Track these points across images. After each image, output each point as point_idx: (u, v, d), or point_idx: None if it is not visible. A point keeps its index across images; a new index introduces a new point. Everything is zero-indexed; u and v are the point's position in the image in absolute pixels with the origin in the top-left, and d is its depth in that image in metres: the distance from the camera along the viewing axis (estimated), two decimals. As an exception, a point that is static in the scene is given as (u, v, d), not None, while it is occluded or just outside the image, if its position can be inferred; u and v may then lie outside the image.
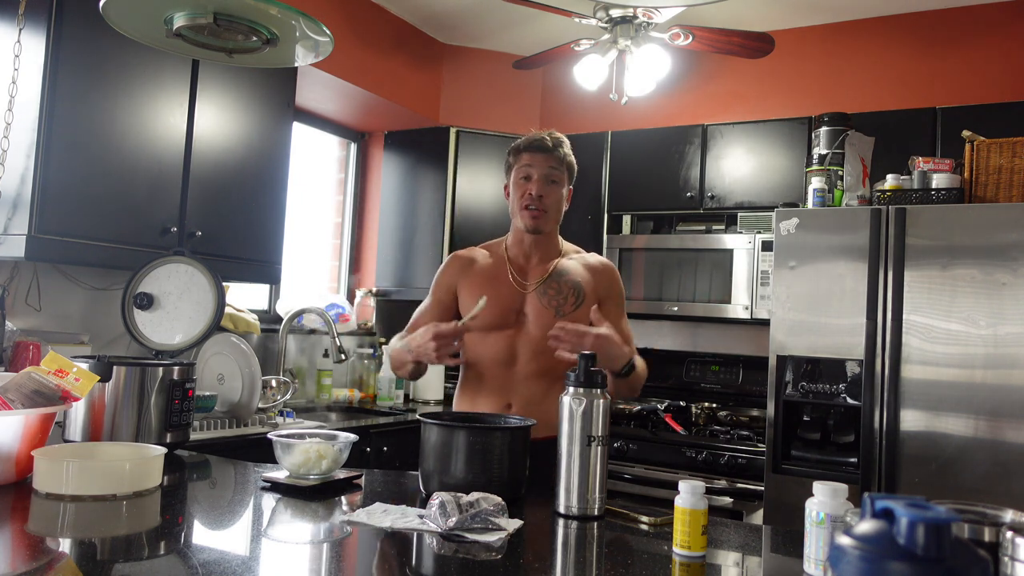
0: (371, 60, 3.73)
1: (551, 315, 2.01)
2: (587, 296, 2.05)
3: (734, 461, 3.09)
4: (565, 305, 2.03)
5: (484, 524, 1.35)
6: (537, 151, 2.04)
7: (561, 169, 2.06)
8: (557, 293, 2.04)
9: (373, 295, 4.21)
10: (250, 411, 2.74)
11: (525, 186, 2.04)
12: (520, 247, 2.10)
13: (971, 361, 2.59)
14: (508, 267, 2.08)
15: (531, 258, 2.10)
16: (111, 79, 2.52)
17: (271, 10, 1.65)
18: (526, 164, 2.05)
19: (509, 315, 2.02)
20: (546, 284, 2.05)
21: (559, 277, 2.06)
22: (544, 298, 2.03)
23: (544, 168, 2.03)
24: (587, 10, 3.04)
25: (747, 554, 1.42)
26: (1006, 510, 1.03)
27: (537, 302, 2.04)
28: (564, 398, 1.54)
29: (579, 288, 2.05)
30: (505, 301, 2.03)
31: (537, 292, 2.05)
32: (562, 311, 2.02)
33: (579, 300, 2.04)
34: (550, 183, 2.04)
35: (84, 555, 1.25)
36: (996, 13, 3.37)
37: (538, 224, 2.04)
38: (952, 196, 2.71)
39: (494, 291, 2.02)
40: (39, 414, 1.59)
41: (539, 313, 2.02)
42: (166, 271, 2.23)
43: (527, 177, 2.04)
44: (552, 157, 2.04)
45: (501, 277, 2.06)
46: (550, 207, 2.04)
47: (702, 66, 3.90)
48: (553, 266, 2.08)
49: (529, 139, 2.07)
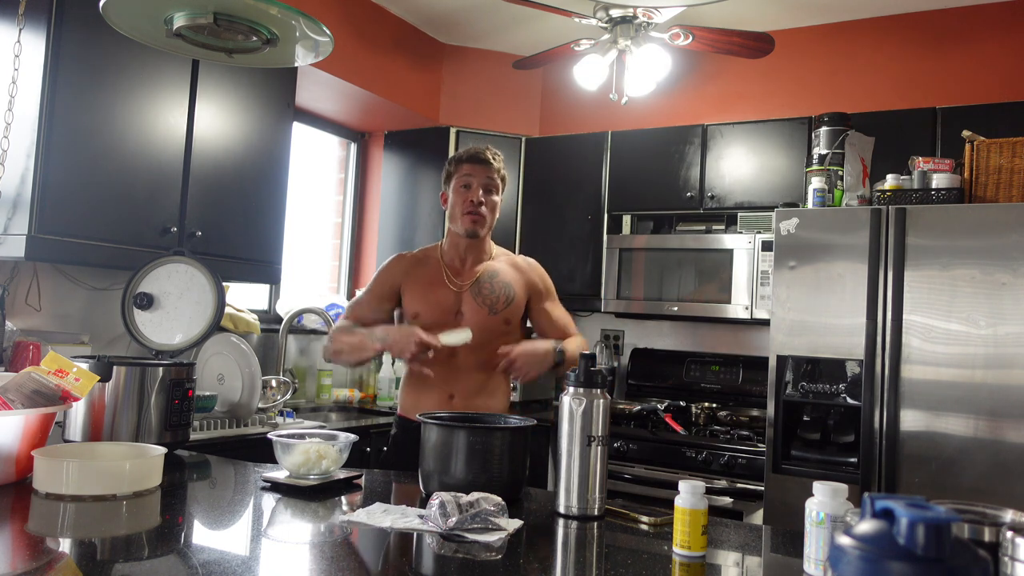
0: (371, 60, 3.73)
1: (486, 313, 2.20)
2: (516, 294, 2.25)
3: (734, 461, 3.09)
4: (497, 303, 2.22)
5: (484, 524, 1.35)
6: (478, 163, 2.23)
7: (498, 179, 2.25)
8: (490, 292, 2.23)
9: (373, 295, 4.20)
10: (250, 411, 2.74)
11: (466, 194, 2.22)
12: (455, 250, 2.27)
13: (971, 361, 2.59)
14: (444, 270, 2.26)
15: (465, 261, 2.27)
16: (111, 79, 2.52)
17: (271, 10, 1.65)
18: (467, 174, 2.23)
19: (447, 315, 2.20)
20: (479, 284, 2.23)
21: (491, 278, 2.25)
22: (479, 298, 2.22)
23: (483, 178, 2.22)
24: (587, 10, 3.04)
25: (747, 554, 1.42)
26: (1006, 510, 1.03)
27: (472, 301, 2.21)
28: (564, 398, 1.54)
29: (509, 288, 2.24)
30: (443, 302, 2.22)
31: (471, 292, 2.23)
32: (495, 309, 2.21)
33: (509, 299, 2.23)
34: (488, 192, 2.23)
35: (84, 555, 1.25)
36: (996, 13, 3.37)
37: (477, 228, 2.21)
38: (952, 196, 2.70)
39: (433, 294, 2.23)
40: (39, 414, 1.59)
41: (474, 311, 2.20)
42: (166, 271, 2.23)
43: (467, 185, 2.22)
44: (491, 169, 2.23)
45: (438, 280, 2.25)
46: (488, 213, 2.23)
47: (702, 66, 3.90)
48: (483, 269, 2.26)
49: (469, 152, 2.27)
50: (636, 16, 3.02)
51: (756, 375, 3.63)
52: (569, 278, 3.85)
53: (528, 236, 4.04)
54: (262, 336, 3.48)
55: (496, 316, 2.20)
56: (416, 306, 2.23)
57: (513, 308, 2.23)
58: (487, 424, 1.68)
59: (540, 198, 4.09)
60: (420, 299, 2.22)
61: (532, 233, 4.03)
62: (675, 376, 3.86)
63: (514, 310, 2.24)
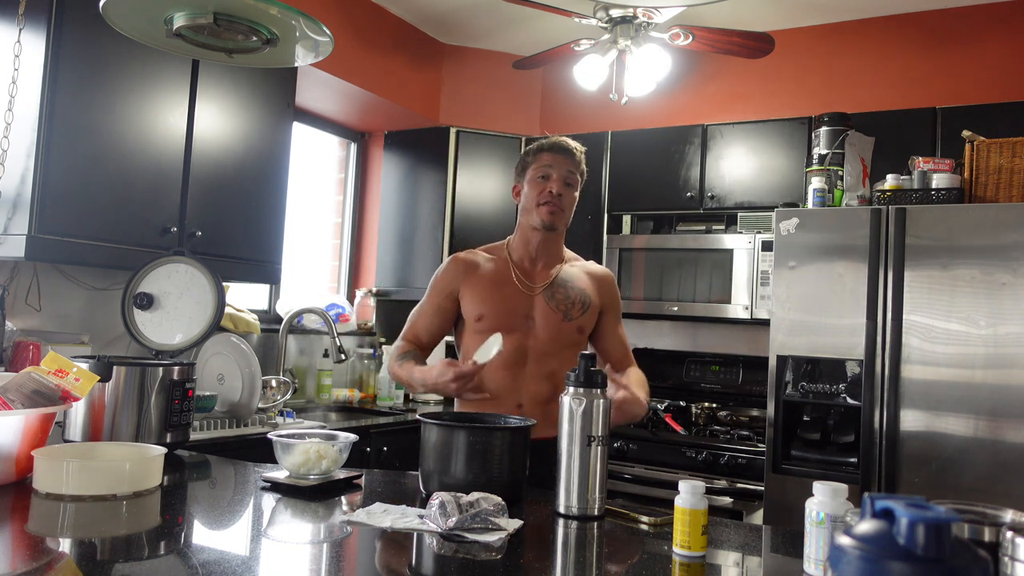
0: (371, 60, 3.73)
1: (559, 319, 2.04)
2: (592, 303, 2.09)
3: (734, 461, 3.09)
4: (573, 310, 2.06)
5: (484, 524, 1.35)
6: (559, 152, 2.08)
7: (577, 174, 2.10)
8: (565, 298, 2.07)
9: (373, 295, 4.21)
10: (250, 411, 2.74)
11: (544, 184, 2.06)
12: (526, 249, 2.11)
13: (971, 361, 2.59)
14: (513, 270, 2.09)
15: (536, 262, 2.11)
16: (111, 79, 2.51)
17: (271, 10, 1.65)
18: (546, 164, 2.07)
19: (516, 318, 2.04)
20: (553, 288, 2.07)
21: (565, 283, 2.09)
22: (552, 302, 2.06)
23: (563, 170, 2.07)
24: (587, 10, 3.04)
25: (747, 554, 1.42)
26: (1006, 510, 1.03)
27: (545, 306, 2.05)
28: (564, 398, 1.54)
29: (585, 295, 2.09)
30: (512, 304, 2.05)
31: (544, 295, 2.07)
32: (570, 315, 2.05)
33: (585, 307, 2.08)
34: (567, 185, 2.07)
35: (84, 555, 1.25)
36: (996, 13, 3.37)
37: (555, 220, 2.06)
38: (952, 196, 2.70)
39: (500, 293, 2.05)
40: (39, 414, 1.59)
41: (547, 317, 2.05)
42: (166, 271, 2.23)
43: (546, 176, 2.07)
44: (572, 161, 2.08)
45: (506, 280, 2.07)
46: (566, 207, 2.08)
47: (702, 66, 3.90)
48: (558, 271, 2.10)
49: (551, 141, 2.10)
50: (636, 16, 3.02)
51: (756, 375, 3.63)
52: (569, 278, 3.84)
53: (528, 236, 4.04)
54: (262, 336, 3.48)
55: (570, 323, 2.05)
56: (479, 307, 2.04)
57: (588, 316, 2.08)
58: (487, 424, 1.68)
59: (540, 198, 4.08)
60: (484, 300, 2.03)
61: (532, 233, 4.02)
62: (675, 376, 3.86)
63: (589, 319, 2.08)
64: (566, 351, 2.03)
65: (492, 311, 2.03)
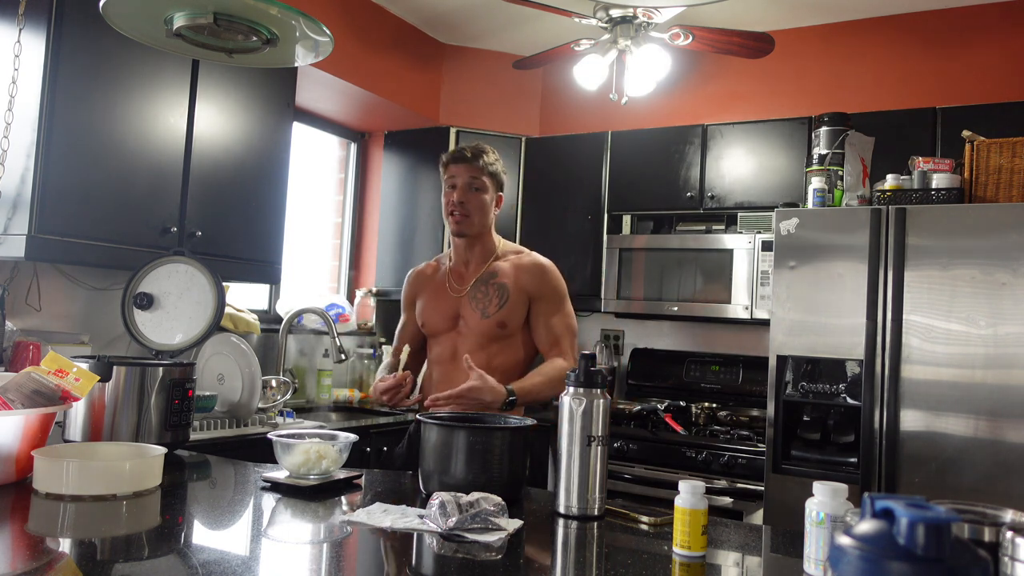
0: (371, 60, 3.73)
1: (478, 317, 2.18)
2: (511, 296, 2.18)
3: (734, 461, 3.09)
4: (490, 307, 2.17)
5: (484, 524, 1.35)
6: (459, 162, 2.21)
7: (482, 177, 2.20)
8: (484, 296, 2.19)
9: (373, 295, 4.21)
10: (250, 411, 2.74)
11: (450, 194, 2.21)
12: (458, 254, 2.27)
13: (971, 361, 2.59)
14: (448, 277, 2.27)
15: (469, 264, 2.26)
16: (111, 79, 2.51)
17: (271, 10, 1.65)
18: (451, 175, 2.22)
19: (447, 320, 2.21)
20: (475, 288, 2.21)
21: (486, 280, 2.21)
22: (473, 302, 2.19)
23: (466, 177, 2.19)
24: (587, 10, 3.04)
25: (747, 554, 1.42)
26: (1006, 510, 1.03)
27: (468, 305, 2.20)
28: (564, 398, 1.54)
29: (503, 289, 2.19)
30: (443, 308, 2.23)
31: (468, 296, 2.21)
32: (487, 312, 2.17)
33: (503, 301, 2.17)
34: (472, 190, 2.19)
35: (84, 555, 1.25)
36: (996, 13, 3.37)
37: (461, 228, 2.19)
38: (952, 196, 2.70)
39: (435, 300, 2.24)
40: (39, 414, 1.59)
41: (470, 316, 2.19)
42: (166, 271, 2.23)
43: (452, 186, 2.21)
44: (472, 167, 2.20)
45: (441, 287, 2.26)
46: (472, 211, 2.19)
47: (702, 66, 3.90)
48: (484, 270, 2.23)
49: (452, 152, 2.25)
50: (636, 16, 3.01)
51: (756, 375, 3.63)
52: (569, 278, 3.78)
53: (528, 236, 4.03)
54: (262, 336, 3.48)
55: (489, 320, 2.14)
56: (422, 315, 2.26)
57: (508, 310, 2.15)
58: (487, 424, 1.68)
59: (540, 198, 4.09)
60: (425, 308, 2.25)
61: (532, 233, 4.02)
62: (675, 376, 3.86)
63: (508, 313, 2.15)
64: (491, 345, 2.15)
65: (429, 318, 2.24)
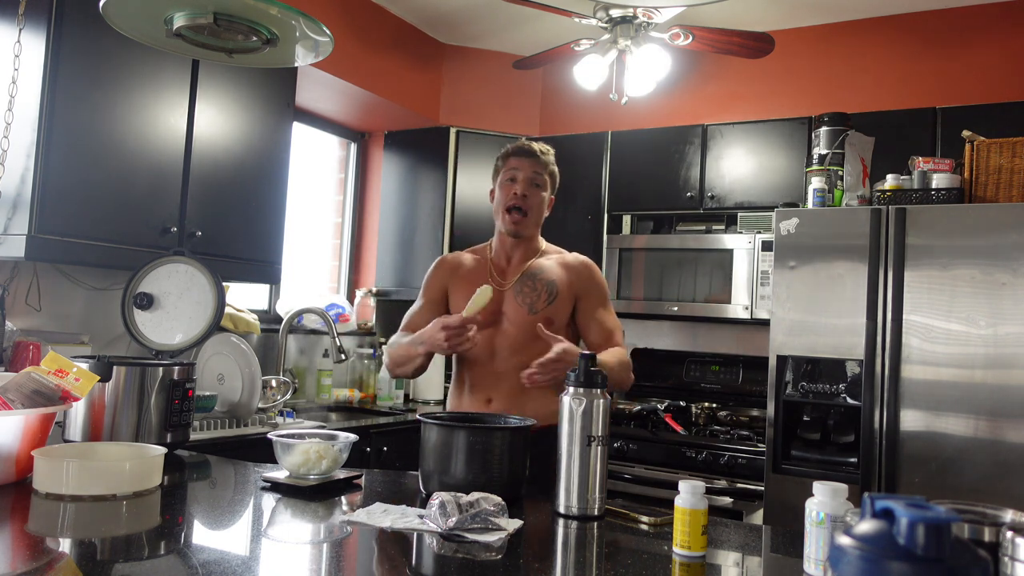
0: (371, 60, 3.73)
1: (525, 312, 2.11)
2: (560, 292, 2.14)
3: (734, 461, 3.09)
4: (538, 302, 2.12)
5: (484, 524, 1.35)
6: (524, 156, 2.17)
7: (544, 175, 2.18)
8: (531, 291, 2.14)
9: (373, 295, 4.21)
10: (250, 411, 2.74)
11: (510, 187, 2.16)
12: (502, 249, 2.22)
13: (971, 361, 2.59)
14: (490, 268, 2.20)
15: (511, 259, 2.21)
16: (111, 79, 2.51)
17: (271, 10, 1.65)
18: (513, 168, 2.17)
19: (488, 314, 2.09)
20: (521, 283, 2.16)
21: (533, 276, 2.16)
22: (519, 296, 2.13)
23: (529, 172, 2.16)
24: (587, 10, 3.04)
25: (747, 554, 1.42)
26: (1006, 510, 1.03)
27: (513, 300, 2.14)
28: (564, 398, 1.54)
29: (552, 285, 2.14)
30: None
31: (513, 291, 2.15)
32: (535, 308, 2.11)
33: (552, 297, 2.13)
34: (533, 186, 2.16)
35: (84, 555, 1.25)
36: (996, 13, 3.37)
37: (518, 228, 2.16)
38: (952, 196, 2.70)
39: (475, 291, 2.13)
40: (39, 414, 1.59)
41: (515, 311, 2.12)
42: (166, 271, 2.23)
43: (512, 179, 2.17)
44: (538, 163, 2.17)
45: (483, 279, 2.15)
46: (532, 208, 2.16)
47: (702, 66, 3.90)
48: (528, 265, 2.19)
49: (517, 145, 2.21)
50: (636, 16, 3.02)
51: (756, 375, 3.63)
52: (569, 278, 3.84)
53: (528, 236, 4.04)
54: (262, 336, 3.48)
55: (536, 315, 2.08)
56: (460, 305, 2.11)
57: (555, 307, 2.11)
58: (487, 424, 1.68)
59: (540, 198, 4.08)
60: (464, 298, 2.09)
61: (532, 233, 4.02)
62: (675, 376, 3.86)
63: (556, 309, 2.11)
64: (533, 344, 1.99)
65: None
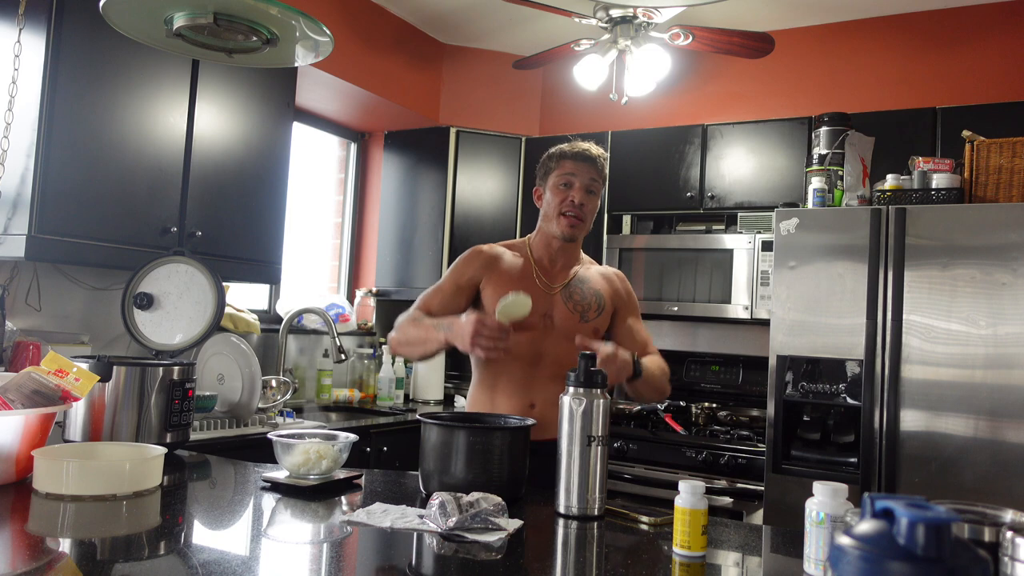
0: (371, 60, 3.73)
1: (576, 320, 2.05)
2: (606, 304, 2.11)
3: (734, 461, 3.09)
4: (589, 312, 2.08)
5: (484, 524, 1.35)
6: (582, 160, 2.07)
7: (600, 181, 2.10)
8: (582, 299, 2.09)
9: (373, 295, 4.21)
10: (250, 411, 2.74)
11: (566, 192, 2.06)
12: (547, 251, 2.12)
13: (971, 361, 2.59)
14: (535, 268, 2.10)
15: (556, 263, 2.13)
16: (111, 79, 2.51)
17: (271, 10, 1.65)
18: (569, 172, 2.06)
19: (535, 316, 1.98)
20: (570, 289, 2.09)
21: (581, 284, 2.11)
22: (570, 303, 2.08)
23: (586, 178, 2.06)
24: (587, 10, 3.04)
25: (747, 554, 1.42)
26: (1006, 510, 1.03)
27: (563, 306, 2.07)
28: (564, 398, 1.55)
29: (600, 297, 2.11)
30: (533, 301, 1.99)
31: (562, 296, 2.08)
32: (587, 317, 2.07)
33: (600, 308, 2.10)
34: (589, 193, 2.07)
35: (84, 555, 1.25)
36: (996, 13, 3.37)
37: (575, 232, 2.07)
38: (952, 196, 2.70)
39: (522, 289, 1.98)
40: (39, 414, 1.59)
41: (565, 317, 2.06)
42: (166, 271, 2.23)
43: (568, 184, 2.06)
44: (595, 168, 2.08)
45: (528, 277, 2.08)
46: (588, 215, 2.08)
47: (702, 66, 3.90)
48: (574, 273, 2.12)
49: (574, 147, 2.09)
50: (636, 16, 3.02)
51: (756, 375, 3.63)
52: (569, 278, 3.84)
53: (528, 236, 4.04)
54: (262, 336, 3.48)
55: (587, 324, 2.05)
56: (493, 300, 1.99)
57: (603, 318, 2.10)
58: (487, 424, 1.68)
59: (540, 198, 4.09)
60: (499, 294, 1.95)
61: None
62: (675, 376, 3.86)
63: (603, 320, 2.10)
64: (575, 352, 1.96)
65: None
